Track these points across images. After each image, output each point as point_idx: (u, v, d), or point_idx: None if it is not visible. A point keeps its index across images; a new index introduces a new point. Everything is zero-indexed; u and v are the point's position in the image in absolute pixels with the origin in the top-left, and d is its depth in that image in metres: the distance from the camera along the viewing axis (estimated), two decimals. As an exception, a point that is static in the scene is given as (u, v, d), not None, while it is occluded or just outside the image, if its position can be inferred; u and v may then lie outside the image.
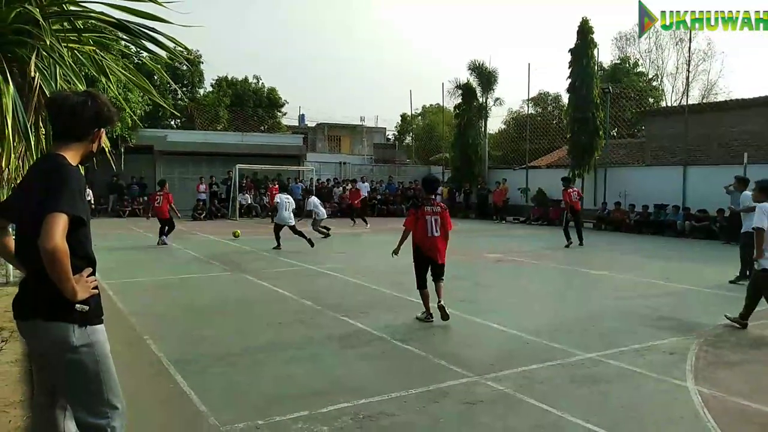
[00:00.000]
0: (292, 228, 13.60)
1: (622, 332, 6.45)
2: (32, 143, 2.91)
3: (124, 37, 3.26)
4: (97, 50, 3.43)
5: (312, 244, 13.39)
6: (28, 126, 2.92)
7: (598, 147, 22.36)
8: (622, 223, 20.21)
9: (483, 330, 6.52)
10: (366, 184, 27.72)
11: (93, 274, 2.48)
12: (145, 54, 3.82)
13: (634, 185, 21.40)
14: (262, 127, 37.88)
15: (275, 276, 9.80)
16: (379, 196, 27.48)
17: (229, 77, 38.74)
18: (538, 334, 6.23)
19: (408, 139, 46.68)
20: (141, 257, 12.18)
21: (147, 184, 25.83)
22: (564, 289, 9.50)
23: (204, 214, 23.08)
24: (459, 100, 27.52)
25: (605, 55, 48.20)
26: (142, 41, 3.22)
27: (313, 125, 44.94)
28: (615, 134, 29.70)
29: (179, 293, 8.52)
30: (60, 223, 2.21)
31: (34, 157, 3.03)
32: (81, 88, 3.38)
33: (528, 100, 29.48)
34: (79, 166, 2.57)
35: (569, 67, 22.60)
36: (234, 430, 3.78)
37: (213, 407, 4.16)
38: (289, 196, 14.30)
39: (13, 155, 2.95)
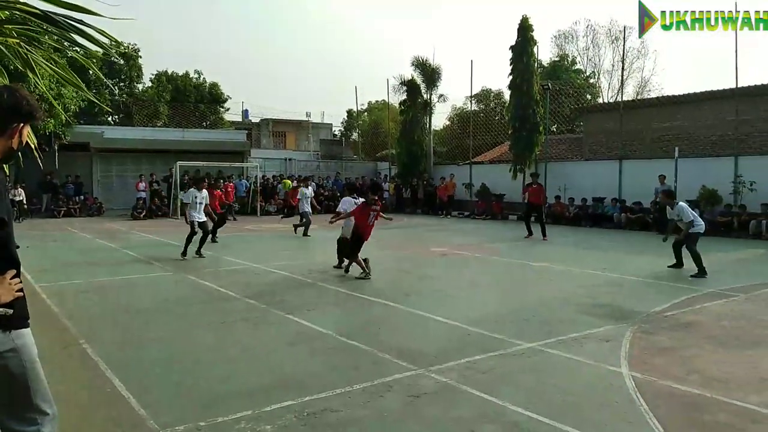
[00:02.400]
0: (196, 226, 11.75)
1: (562, 322, 6.66)
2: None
3: (52, 30, 3.12)
4: (22, 43, 3.28)
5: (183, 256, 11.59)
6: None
7: (539, 142, 22.96)
8: (562, 216, 20.83)
9: (427, 323, 6.60)
10: (312, 185, 27.24)
11: (17, 276, 2.38)
12: (78, 48, 3.68)
13: (573, 179, 22.09)
14: (205, 123, 37.09)
15: (219, 275, 9.63)
16: (326, 193, 27.32)
17: (169, 72, 37.73)
18: (481, 325, 6.36)
19: (354, 135, 46.62)
20: (77, 258, 11.71)
21: (83, 183, 24.87)
22: (506, 281, 9.73)
23: (144, 213, 22.40)
24: (404, 96, 27.69)
25: (545, 52, 49.51)
26: (71, 35, 3.10)
27: (258, 121, 44.27)
28: (554, 130, 30.57)
29: (118, 295, 8.25)
30: None
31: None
32: (4, 82, 3.23)
33: (471, 96, 29.88)
34: (1, 164, 2.46)
35: (510, 64, 23.08)
36: (175, 433, 3.71)
37: (153, 410, 4.06)
38: (197, 192, 11.97)
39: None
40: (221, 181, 18.82)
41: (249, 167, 27.07)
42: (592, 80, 41.26)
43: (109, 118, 33.80)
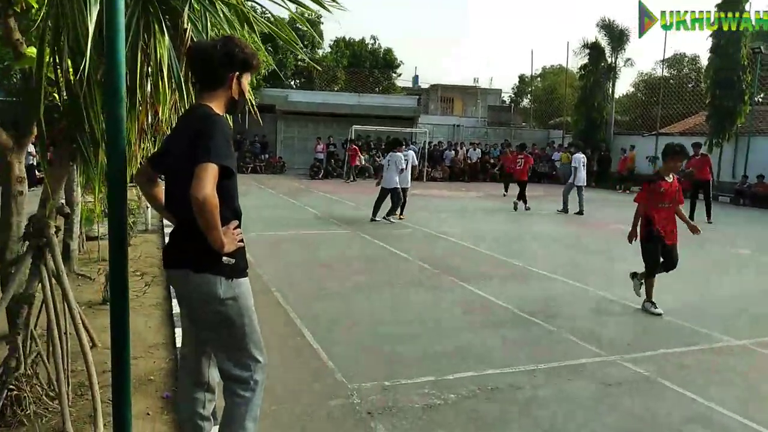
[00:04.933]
0: (393, 192, 11.40)
1: (776, 319, 5.80)
2: (185, 95, 2.94)
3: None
4: (243, 2, 3.41)
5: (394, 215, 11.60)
6: (181, 77, 2.96)
7: (743, 113, 20.26)
8: (766, 198, 18.30)
9: (616, 307, 6.10)
10: (477, 151, 26.95)
11: (239, 227, 2.47)
12: (270, 12, 3.73)
13: (782, 157, 19.22)
14: (377, 89, 38.00)
15: (391, 237, 9.78)
16: (492, 160, 26.73)
17: (347, 38, 39.06)
18: (679, 314, 5.73)
19: (525, 102, 44.98)
20: (265, 213, 12.64)
21: (268, 142, 26.82)
22: (705, 268, 8.68)
23: (321, 173, 23.67)
24: (585, 60, 25.93)
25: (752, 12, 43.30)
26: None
27: (426, 86, 44.42)
28: (759, 100, 26.78)
29: (304, 248, 8.74)
30: (210, 174, 2.18)
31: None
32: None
33: (663, 60, 27.15)
34: (227, 116, 2.54)
35: (713, 24, 20.44)
36: (362, 390, 3.78)
37: (340, 364, 4.19)
38: (400, 154, 11.58)
39: (168, 106, 3.01)
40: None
41: (418, 133, 27.30)
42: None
43: (292, 83, 35.97)
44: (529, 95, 44.09)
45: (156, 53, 3.01)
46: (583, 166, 14.41)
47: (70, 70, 3.14)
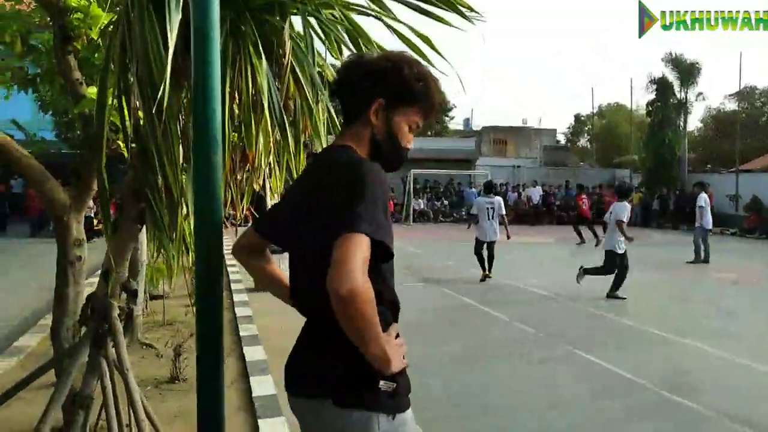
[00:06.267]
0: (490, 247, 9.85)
1: None
2: (288, 133, 2.20)
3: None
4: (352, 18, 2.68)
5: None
6: (283, 114, 2.23)
7: (838, 146, 18.67)
8: None
9: (762, 378, 4.99)
10: (537, 188, 25.98)
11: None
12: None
13: None
14: (429, 132, 37.57)
15: (476, 292, 8.81)
16: (557, 202, 25.54)
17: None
18: None
19: (582, 141, 43.76)
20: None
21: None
22: None
23: (379, 219, 23.06)
24: (652, 96, 24.80)
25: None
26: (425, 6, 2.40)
27: (478, 128, 43.83)
28: None
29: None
30: (359, 250, 1.33)
31: (292, 153, 2.33)
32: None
33: (738, 92, 25.70)
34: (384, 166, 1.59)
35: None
36: None
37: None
38: (494, 199, 10.02)
39: (272, 149, 2.27)
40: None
41: (477, 175, 26.48)
42: None
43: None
44: (587, 134, 42.86)
45: (248, 83, 2.30)
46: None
47: (140, 112, 2.47)
